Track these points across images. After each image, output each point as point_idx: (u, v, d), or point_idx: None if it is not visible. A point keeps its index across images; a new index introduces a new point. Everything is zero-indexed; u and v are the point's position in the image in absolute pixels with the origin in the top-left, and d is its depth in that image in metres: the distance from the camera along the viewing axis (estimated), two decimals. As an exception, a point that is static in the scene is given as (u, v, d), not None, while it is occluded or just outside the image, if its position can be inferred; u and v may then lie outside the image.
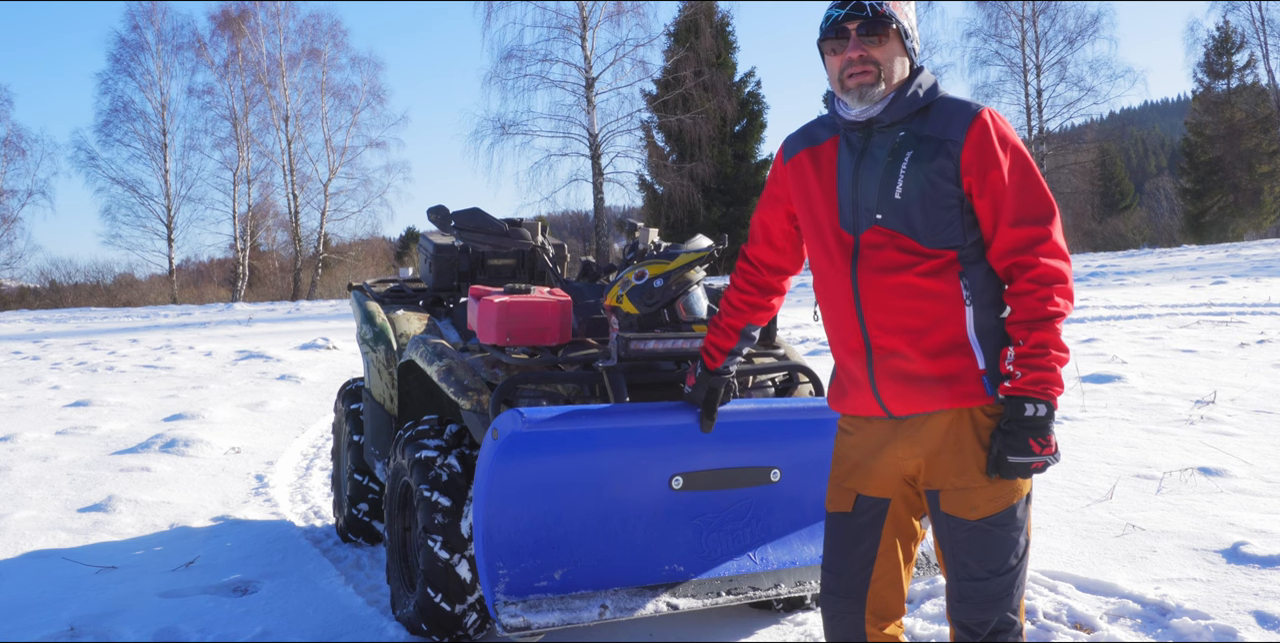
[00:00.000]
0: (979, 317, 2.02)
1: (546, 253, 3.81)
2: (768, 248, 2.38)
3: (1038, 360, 1.94)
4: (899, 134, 2.06)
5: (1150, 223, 50.59)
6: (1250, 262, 20.36)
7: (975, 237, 2.04)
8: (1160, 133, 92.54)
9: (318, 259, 35.29)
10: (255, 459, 6.08)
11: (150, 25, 34.31)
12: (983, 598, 2.06)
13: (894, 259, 2.04)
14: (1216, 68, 40.00)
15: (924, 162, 2.02)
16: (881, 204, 2.05)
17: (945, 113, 2.05)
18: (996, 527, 2.03)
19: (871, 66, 2.04)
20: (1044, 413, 1.94)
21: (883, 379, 2.07)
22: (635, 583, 2.70)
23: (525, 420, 2.43)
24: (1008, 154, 2.01)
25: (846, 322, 2.12)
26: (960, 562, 2.07)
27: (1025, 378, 1.95)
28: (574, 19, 29.78)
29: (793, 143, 2.27)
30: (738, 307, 2.46)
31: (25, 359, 13.11)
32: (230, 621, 3.41)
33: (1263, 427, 5.53)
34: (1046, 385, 1.95)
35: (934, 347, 2.02)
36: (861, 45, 2.04)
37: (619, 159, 31.50)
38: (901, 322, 2.03)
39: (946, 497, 2.06)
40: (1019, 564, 2.07)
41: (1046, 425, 1.95)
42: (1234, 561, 3.51)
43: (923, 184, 2.02)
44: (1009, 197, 1.99)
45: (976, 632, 2.08)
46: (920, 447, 2.07)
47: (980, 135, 2.00)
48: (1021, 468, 1.97)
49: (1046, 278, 1.96)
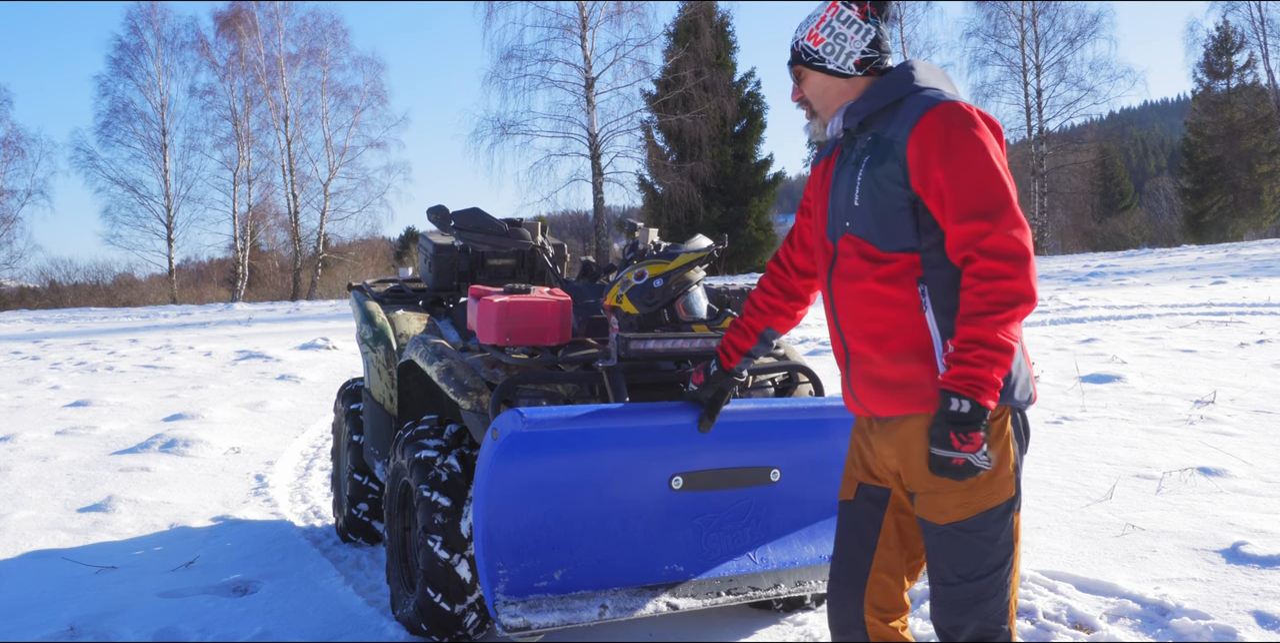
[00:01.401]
0: (942, 322, 1.99)
1: (546, 253, 3.81)
2: (796, 248, 2.42)
3: (965, 355, 1.89)
4: (867, 139, 2.11)
5: (1150, 223, 50.63)
6: (1250, 262, 20.36)
7: (935, 238, 2.00)
8: (1160, 133, 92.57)
9: (318, 259, 35.27)
10: (255, 459, 6.08)
11: (149, 26, 34.30)
12: (953, 602, 2.06)
13: (857, 267, 2.08)
14: (1216, 68, 40.01)
15: (875, 166, 2.05)
16: (847, 212, 2.11)
17: (904, 111, 2.04)
18: (966, 532, 2.02)
19: (805, 106, 2.23)
20: (968, 409, 1.87)
21: (857, 383, 2.14)
22: (635, 583, 2.70)
23: (525, 420, 2.43)
24: (953, 148, 1.95)
25: (830, 327, 2.21)
26: (932, 565, 2.10)
27: (950, 372, 1.90)
28: (574, 19, 29.79)
29: (817, 154, 2.35)
30: (761, 308, 2.47)
31: (25, 359, 13.11)
32: (230, 621, 3.41)
33: (1262, 427, 5.53)
34: (971, 382, 1.87)
35: (896, 352, 2.04)
36: (796, 89, 2.23)
37: (619, 159, 31.57)
38: (866, 328, 2.08)
39: (919, 500, 2.07)
40: (995, 574, 2.03)
41: (972, 422, 1.88)
42: (1234, 561, 3.51)
43: (873, 189, 2.05)
44: (951, 192, 1.94)
45: (950, 635, 2.08)
46: (895, 448, 2.10)
47: (923, 133, 1.97)
48: (943, 462, 1.91)
49: (985, 273, 1.90)
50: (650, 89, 31.38)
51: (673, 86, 30.50)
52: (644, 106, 31.16)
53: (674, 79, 30.56)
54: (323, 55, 34.91)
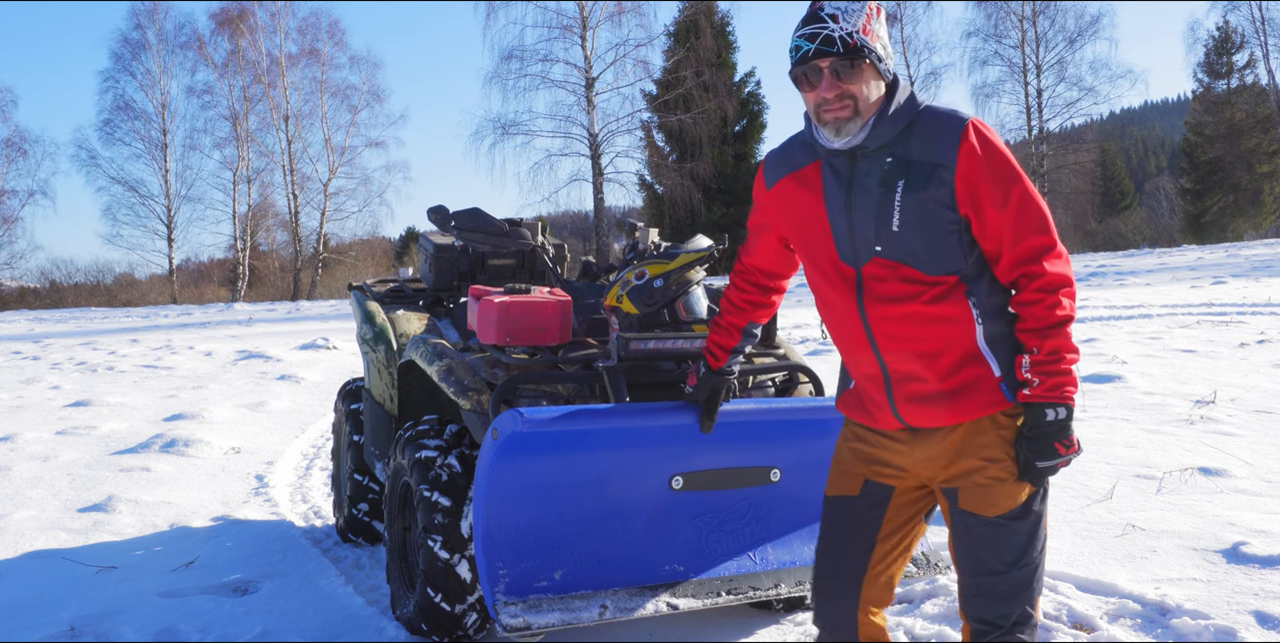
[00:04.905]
0: (988, 328, 2.03)
1: (546, 253, 3.81)
2: (763, 258, 2.39)
3: (1053, 366, 1.97)
4: (886, 160, 2.02)
5: (1150, 223, 50.60)
6: (1250, 262, 20.36)
7: (975, 254, 2.04)
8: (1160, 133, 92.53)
9: (318, 259, 35.28)
10: (255, 459, 6.08)
11: (151, 24, 34.34)
12: (1002, 591, 2.07)
13: (899, 290, 2.03)
14: (1216, 68, 39.98)
15: (917, 191, 1.98)
16: (880, 236, 2.02)
17: (930, 131, 2.01)
18: (1015, 521, 2.05)
19: (849, 101, 1.99)
20: (1064, 416, 1.98)
21: (903, 402, 2.08)
22: (635, 583, 2.70)
23: (525, 420, 2.43)
24: (1000, 178, 1.98)
25: (859, 349, 2.11)
26: (979, 557, 2.08)
27: (1043, 384, 1.97)
28: (574, 19, 29.79)
29: (773, 167, 2.22)
30: (739, 305, 2.46)
31: (25, 359, 13.11)
32: (230, 621, 3.41)
33: (1263, 427, 5.53)
34: (1064, 389, 1.97)
35: (950, 366, 2.03)
36: (836, 84, 1.98)
37: (619, 159, 31.55)
38: (915, 348, 2.04)
39: (965, 494, 2.07)
40: (1038, 557, 2.08)
41: (1068, 427, 1.99)
42: (1234, 561, 3.51)
43: (919, 214, 1.99)
44: (1010, 220, 1.98)
45: (999, 624, 2.08)
46: (940, 450, 2.08)
47: (969, 160, 1.97)
48: (1050, 471, 2.01)
49: (1053, 285, 1.97)
50: (651, 89, 31.39)
51: (673, 86, 30.50)
52: (644, 107, 31.17)
53: (674, 79, 30.56)
54: (321, 55, 34.94)
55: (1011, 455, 2.03)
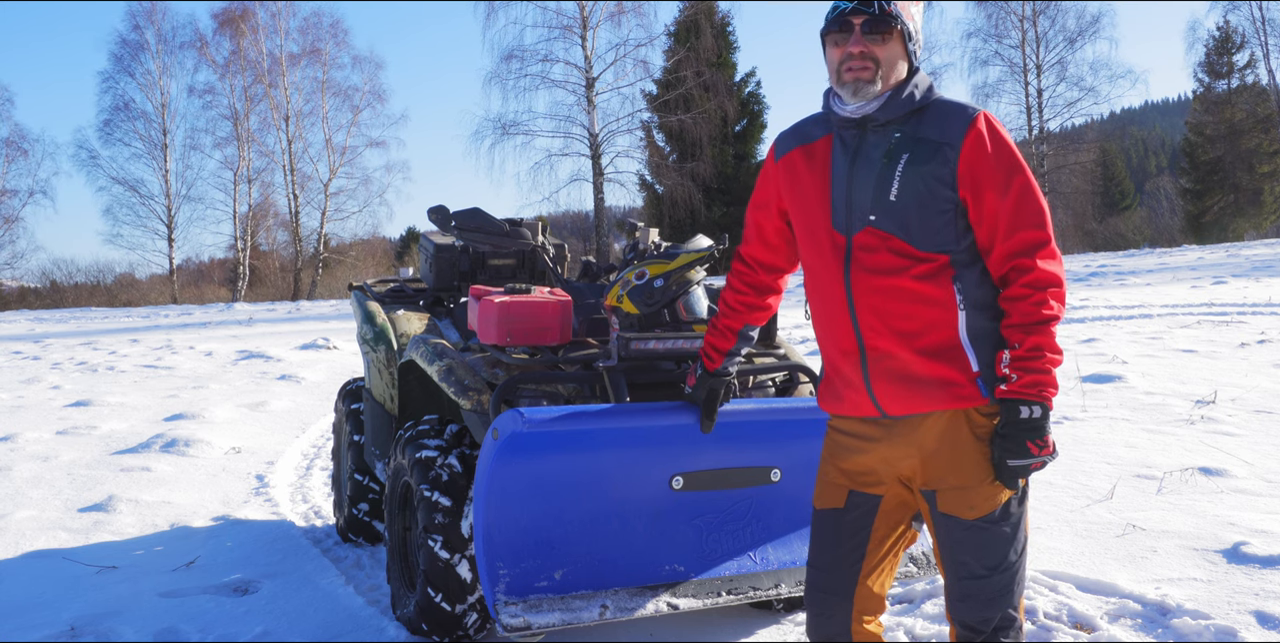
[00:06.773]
0: (971, 319, 2.03)
1: (547, 253, 3.81)
2: (761, 246, 2.37)
3: (1033, 363, 1.96)
4: (894, 135, 2.06)
5: (1150, 223, 50.55)
6: (1250, 262, 20.36)
7: (968, 241, 2.05)
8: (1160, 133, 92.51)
9: (318, 259, 35.27)
10: (255, 459, 6.08)
11: (150, 25, 34.32)
12: (985, 596, 2.07)
13: (887, 262, 2.03)
14: (1217, 68, 39.97)
15: (920, 164, 2.02)
16: (876, 206, 2.04)
17: (941, 115, 2.05)
18: (994, 524, 2.04)
19: (871, 63, 2.04)
20: (1039, 415, 1.97)
21: (878, 380, 2.07)
22: (635, 583, 2.70)
23: (525, 420, 2.43)
24: (1003, 165, 2.01)
25: (839, 322, 2.11)
26: (960, 561, 2.08)
27: (1021, 381, 1.96)
28: (574, 19, 29.79)
29: (785, 141, 2.25)
30: (735, 308, 2.45)
31: (25, 359, 13.11)
32: (230, 621, 3.41)
33: (1263, 427, 5.53)
34: (1042, 388, 1.97)
35: (927, 349, 2.02)
36: (864, 41, 2.03)
37: (619, 159, 31.53)
38: (895, 325, 2.04)
39: (943, 497, 2.06)
40: (1018, 560, 2.08)
41: (1043, 427, 1.97)
42: (1234, 561, 3.51)
43: (918, 187, 2.01)
44: (1008, 209, 2.00)
45: (980, 629, 2.09)
46: (916, 447, 2.08)
47: (975, 144, 2.00)
48: (1022, 470, 1.99)
49: (1042, 282, 1.97)
50: (651, 89, 31.39)
51: (673, 86, 30.50)
52: (645, 106, 31.17)
53: (675, 79, 30.56)
54: (323, 54, 34.94)
55: (987, 455, 2.03)
